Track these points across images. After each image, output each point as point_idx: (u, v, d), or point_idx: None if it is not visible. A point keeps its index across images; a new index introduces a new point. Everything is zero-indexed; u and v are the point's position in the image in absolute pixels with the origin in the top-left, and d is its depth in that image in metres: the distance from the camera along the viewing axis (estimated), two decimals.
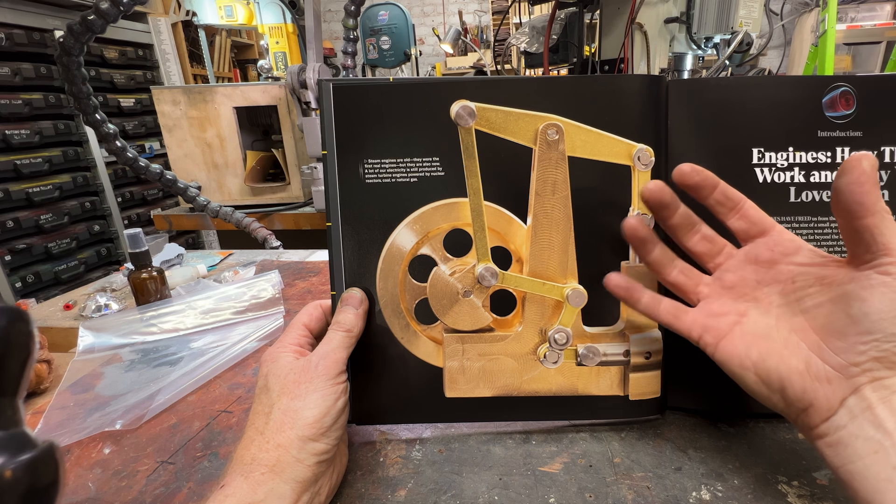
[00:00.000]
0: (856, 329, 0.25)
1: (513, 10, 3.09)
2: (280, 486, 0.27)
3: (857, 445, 0.24)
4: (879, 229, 0.24)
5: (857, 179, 0.25)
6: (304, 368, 0.31)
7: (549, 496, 0.31)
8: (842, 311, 0.26)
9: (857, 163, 0.25)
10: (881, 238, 0.24)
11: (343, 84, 0.33)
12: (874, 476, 0.23)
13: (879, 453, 0.23)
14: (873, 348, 0.24)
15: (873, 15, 2.76)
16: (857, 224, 0.25)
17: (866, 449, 0.24)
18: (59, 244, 1.92)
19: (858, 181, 0.25)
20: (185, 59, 2.66)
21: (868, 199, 0.25)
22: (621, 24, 1.20)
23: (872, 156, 0.25)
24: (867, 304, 0.24)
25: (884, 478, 0.23)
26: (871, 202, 0.25)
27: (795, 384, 0.27)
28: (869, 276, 0.25)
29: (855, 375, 0.25)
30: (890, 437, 0.23)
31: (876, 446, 0.23)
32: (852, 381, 0.25)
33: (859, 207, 0.25)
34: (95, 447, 0.38)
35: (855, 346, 0.25)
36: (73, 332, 0.57)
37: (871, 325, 0.24)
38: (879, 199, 0.25)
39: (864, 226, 0.25)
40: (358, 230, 0.34)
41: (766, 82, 0.34)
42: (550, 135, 0.33)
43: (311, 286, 0.71)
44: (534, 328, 0.35)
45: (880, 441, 0.23)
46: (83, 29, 0.81)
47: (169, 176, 1.05)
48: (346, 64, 1.13)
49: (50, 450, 0.18)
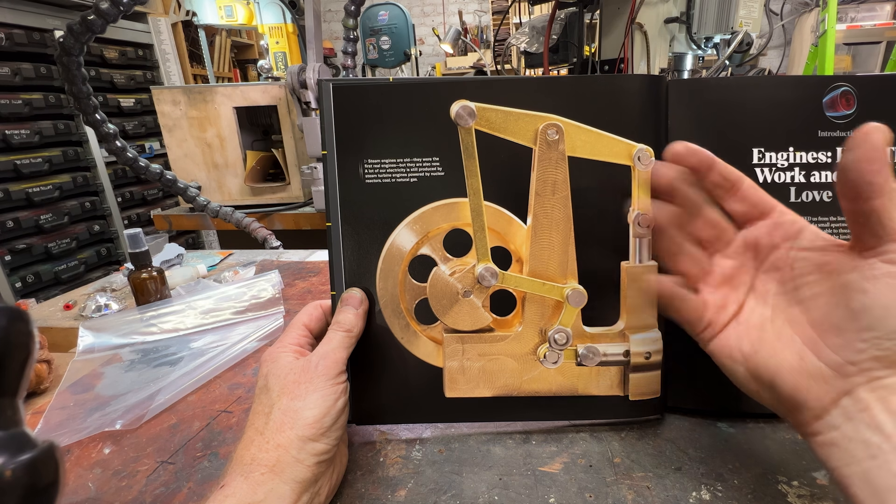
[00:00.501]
0: (855, 324, 0.23)
1: (513, 10, 3.09)
2: (280, 486, 0.27)
3: (854, 448, 0.22)
4: (889, 213, 0.22)
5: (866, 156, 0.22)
6: (304, 368, 0.31)
7: (549, 496, 0.31)
8: (841, 303, 0.24)
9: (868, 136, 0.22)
10: (890, 223, 0.22)
11: (343, 84, 0.33)
12: (873, 482, 0.21)
13: (878, 458, 0.21)
14: (873, 346, 0.22)
15: (873, 15, 2.76)
16: (864, 206, 0.22)
17: (864, 453, 0.22)
18: (59, 244, 1.92)
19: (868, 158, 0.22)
20: (185, 59, 2.66)
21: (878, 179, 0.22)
22: (621, 24, 1.20)
23: (886, 128, 0.22)
24: (869, 297, 0.22)
25: (883, 486, 0.21)
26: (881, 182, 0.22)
27: (786, 380, 0.25)
28: (873, 265, 0.22)
29: (851, 375, 0.23)
30: (889, 440, 0.21)
31: (874, 450, 0.22)
32: (848, 381, 0.23)
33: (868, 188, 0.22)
34: (95, 447, 0.38)
35: (853, 344, 0.23)
36: (73, 332, 0.57)
37: (873, 321, 0.22)
38: (890, 179, 0.22)
39: (872, 208, 0.22)
40: (358, 230, 0.34)
41: (767, 82, 0.34)
42: (550, 135, 0.33)
43: (311, 286, 0.71)
44: (534, 328, 0.35)
45: (879, 445, 0.22)
46: (83, 29, 0.81)
47: (169, 176, 1.05)
48: (346, 64, 1.13)
49: (50, 450, 0.18)
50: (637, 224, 0.33)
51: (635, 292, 0.34)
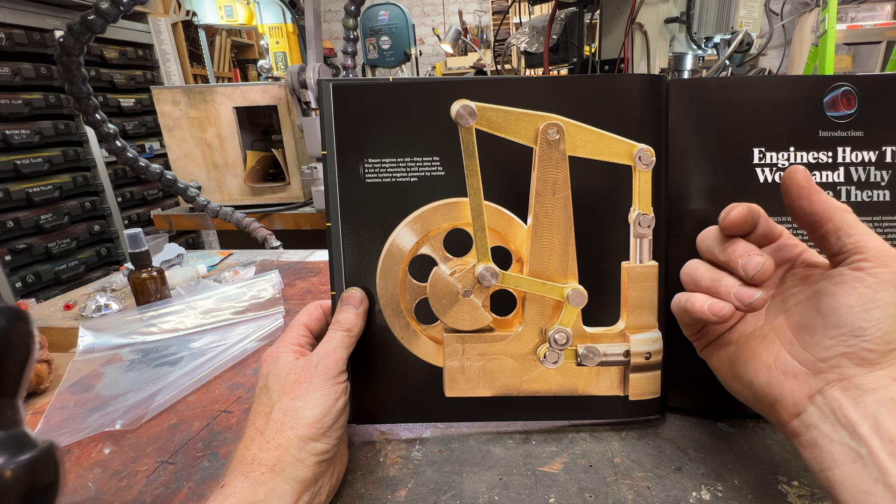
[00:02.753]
0: (823, 323, 0.25)
1: (513, 10, 3.09)
2: (280, 485, 0.27)
3: (834, 451, 0.24)
4: (844, 230, 0.25)
5: (797, 195, 0.26)
6: (304, 368, 0.31)
7: (549, 496, 0.31)
8: (813, 306, 0.26)
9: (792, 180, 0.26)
10: (848, 238, 0.25)
11: (343, 84, 0.33)
12: (854, 487, 0.22)
13: (858, 463, 0.23)
14: (840, 343, 0.24)
15: (873, 15, 2.76)
16: (820, 232, 0.26)
17: (844, 457, 0.23)
18: (59, 244, 1.92)
19: (800, 196, 0.26)
20: (185, 59, 2.66)
21: (817, 208, 0.26)
22: (621, 24, 1.20)
23: (802, 168, 0.26)
24: (836, 299, 0.25)
25: (864, 490, 0.22)
26: (821, 209, 0.25)
27: (761, 378, 0.27)
28: (841, 272, 0.25)
29: (822, 371, 0.25)
30: (866, 444, 0.22)
31: (853, 455, 0.23)
32: (820, 378, 0.25)
33: (814, 218, 0.26)
34: (95, 447, 0.38)
35: (823, 341, 0.25)
36: (73, 332, 0.57)
37: (839, 319, 0.24)
38: (829, 201, 0.26)
39: (827, 231, 0.25)
40: (358, 230, 0.34)
41: (767, 82, 0.34)
42: (551, 134, 0.33)
43: (311, 286, 0.71)
44: (534, 328, 0.35)
45: (856, 449, 0.23)
46: (83, 29, 0.81)
47: (169, 176, 1.05)
48: (346, 64, 1.13)
49: (50, 450, 0.18)
50: (637, 224, 0.33)
51: (636, 292, 0.34)
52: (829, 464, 0.24)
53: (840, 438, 0.23)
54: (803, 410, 0.25)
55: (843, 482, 0.23)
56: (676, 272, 0.35)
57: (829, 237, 0.26)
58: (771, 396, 0.27)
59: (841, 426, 0.24)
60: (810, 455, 0.25)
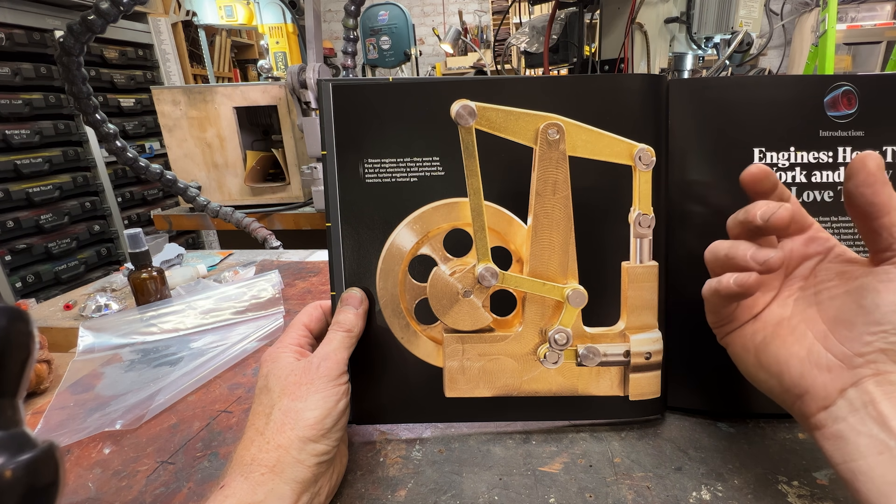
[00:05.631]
0: (865, 319, 0.25)
1: (513, 10, 3.09)
2: (280, 486, 0.27)
3: (860, 442, 0.23)
4: None
5: (864, 181, 0.25)
6: (305, 369, 0.31)
7: (549, 496, 0.31)
8: (854, 301, 0.25)
9: (863, 164, 0.25)
10: None
11: (343, 84, 0.33)
12: (880, 478, 0.22)
13: (885, 454, 0.22)
14: (880, 339, 0.24)
15: (873, 15, 2.76)
16: (874, 224, 0.25)
17: (870, 448, 0.23)
18: (59, 244, 1.92)
19: (866, 182, 0.25)
20: (185, 59, 2.66)
21: (880, 199, 0.25)
22: (621, 24, 1.20)
23: (877, 154, 0.25)
24: (880, 296, 0.24)
25: (891, 480, 0.22)
26: (884, 201, 0.25)
27: (793, 368, 0.27)
28: (887, 270, 0.25)
29: (858, 366, 0.24)
30: None
31: (881, 447, 0.23)
32: (854, 372, 0.25)
33: (872, 208, 0.25)
34: (95, 447, 0.38)
35: (861, 336, 0.24)
36: (73, 332, 0.57)
37: (882, 316, 0.24)
38: (892, 196, 0.25)
39: (882, 225, 0.25)
40: (358, 230, 0.34)
41: (768, 82, 0.34)
42: (551, 134, 0.33)
43: (311, 286, 0.71)
44: (534, 328, 0.35)
45: (885, 441, 0.23)
46: (83, 29, 0.81)
47: (169, 176, 1.05)
48: (346, 64, 1.13)
49: (50, 450, 0.18)
50: (637, 224, 0.33)
51: (636, 292, 0.34)
52: (854, 455, 0.23)
53: (868, 431, 0.23)
54: (832, 403, 0.25)
55: (869, 473, 0.23)
56: (677, 272, 0.35)
57: (881, 231, 0.25)
58: (801, 388, 0.26)
59: (871, 419, 0.23)
60: (833, 447, 0.25)
